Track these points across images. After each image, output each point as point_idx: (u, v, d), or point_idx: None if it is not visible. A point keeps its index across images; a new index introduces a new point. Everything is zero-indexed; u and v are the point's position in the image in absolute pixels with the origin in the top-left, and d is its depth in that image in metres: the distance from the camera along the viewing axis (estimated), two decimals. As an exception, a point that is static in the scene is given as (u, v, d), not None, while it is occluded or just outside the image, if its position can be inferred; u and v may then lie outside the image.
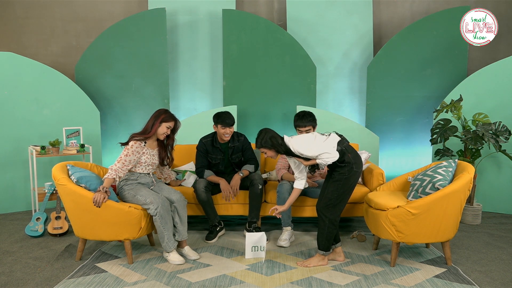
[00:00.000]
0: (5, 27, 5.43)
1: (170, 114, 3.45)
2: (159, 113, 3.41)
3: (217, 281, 2.92)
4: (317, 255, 3.21)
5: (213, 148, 3.95)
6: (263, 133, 3.14)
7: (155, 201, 3.20)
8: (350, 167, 3.06)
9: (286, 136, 3.12)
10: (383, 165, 5.29)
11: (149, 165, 3.43)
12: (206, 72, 5.53)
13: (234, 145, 3.96)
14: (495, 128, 4.21)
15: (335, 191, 3.08)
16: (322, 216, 3.13)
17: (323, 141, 3.05)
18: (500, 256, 3.44)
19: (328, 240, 3.14)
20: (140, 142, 3.36)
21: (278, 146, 3.08)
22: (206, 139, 4.00)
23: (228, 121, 3.81)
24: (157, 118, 3.39)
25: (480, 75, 4.76)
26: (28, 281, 2.94)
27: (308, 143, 3.04)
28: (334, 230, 3.14)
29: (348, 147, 3.12)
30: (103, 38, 5.18)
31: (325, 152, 2.97)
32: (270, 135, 3.11)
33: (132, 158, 3.30)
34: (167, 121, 3.40)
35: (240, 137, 4.02)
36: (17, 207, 4.79)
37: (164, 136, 3.43)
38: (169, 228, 3.25)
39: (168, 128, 3.42)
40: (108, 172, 3.24)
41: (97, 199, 3.08)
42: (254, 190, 3.77)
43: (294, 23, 5.43)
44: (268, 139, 3.10)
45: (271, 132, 3.14)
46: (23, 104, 4.76)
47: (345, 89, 5.56)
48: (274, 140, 3.09)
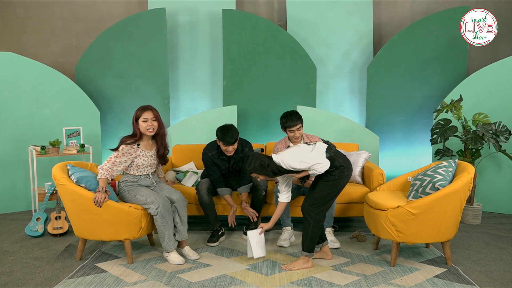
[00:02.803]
0: (5, 27, 5.43)
1: (141, 107, 3.34)
2: (134, 114, 3.33)
3: (217, 281, 2.92)
4: (301, 257, 3.17)
5: (219, 160, 3.84)
6: (250, 160, 3.07)
7: (156, 200, 3.20)
8: (341, 170, 3.05)
9: (274, 155, 3.08)
10: (383, 165, 5.29)
11: (147, 167, 3.39)
12: (206, 72, 5.53)
13: (237, 156, 3.84)
14: (495, 128, 4.21)
15: (323, 191, 3.07)
16: (307, 215, 3.11)
17: (311, 151, 3.04)
18: (500, 256, 3.44)
19: (312, 241, 3.12)
20: (131, 145, 3.30)
21: (267, 172, 3.04)
22: (212, 153, 3.82)
23: (229, 139, 3.62)
24: (133, 120, 3.33)
25: (480, 75, 4.76)
26: (28, 281, 2.94)
27: (299, 156, 3.00)
28: (319, 231, 3.12)
29: (337, 152, 3.11)
30: (103, 38, 5.18)
31: (316, 162, 2.96)
32: (259, 162, 3.04)
33: (123, 159, 3.25)
34: (140, 116, 3.30)
35: (245, 149, 3.88)
36: (17, 207, 4.79)
37: (151, 130, 3.31)
38: (170, 228, 3.25)
39: (146, 121, 3.29)
40: (99, 172, 3.20)
41: (98, 199, 3.08)
42: (257, 195, 3.77)
43: (294, 23, 5.43)
44: (257, 167, 3.05)
45: (259, 159, 3.06)
46: (23, 104, 4.76)
47: (345, 89, 5.56)
48: (263, 168, 3.04)
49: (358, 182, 4.11)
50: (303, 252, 3.15)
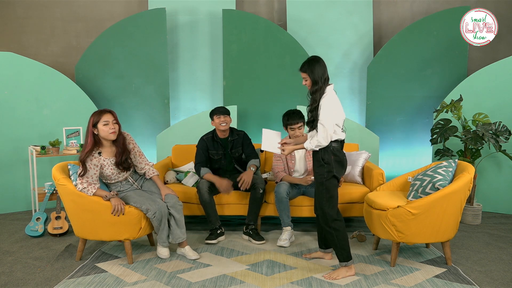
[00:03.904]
0: (5, 27, 5.43)
1: (97, 112, 3.21)
2: (88, 121, 3.19)
3: (217, 281, 2.92)
4: (341, 267, 3.03)
5: (213, 143, 3.98)
6: (316, 60, 3.01)
7: (151, 207, 3.19)
8: (329, 169, 2.94)
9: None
10: (383, 165, 5.29)
11: (118, 175, 3.30)
12: (206, 72, 5.53)
13: (233, 139, 4.01)
14: (495, 128, 4.21)
15: (322, 187, 2.98)
16: (325, 226, 2.99)
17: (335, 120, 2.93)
18: (500, 256, 3.44)
19: (343, 249, 2.98)
20: (92, 157, 3.15)
21: (315, 75, 2.97)
22: (207, 136, 4.04)
23: (221, 109, 3.93)
24: (88, 126, 3.19)
25: (480, 75, 4.76)
26: (28, 281, 2.94)
27: (332, 109, 2.93)
28: (344, 237, 2.97)
29: (336, 150, 2.96)
30: (103, 38, 5.18)
31: (325, 129, 2.86)
32: (319, 63, 3.00)
33: (93, 173, 3.15)
34: (99, 120, 3.16)
35: (240, 132, 4.08)
36: (17, 207, 4.79)
37: (114, 133, 3.18)
38: (164, 229, 3.29)
39: (107, 124, 3.16)
40: (85, 192, 3.10)
41: (116, 208, 3.07)
42: (255, 193, 3.78)
43: (294, 23, 5.42)
44: (314, 64, 2.98)
45: (322, 62, 3.01)
46: (23, 104, 4.76)
47: (345, 89, 5.55)
48: (316, 67, 2.98)
49: (358, 182, 4.11)
50: (341, 263, 3.02)
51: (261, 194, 3.78)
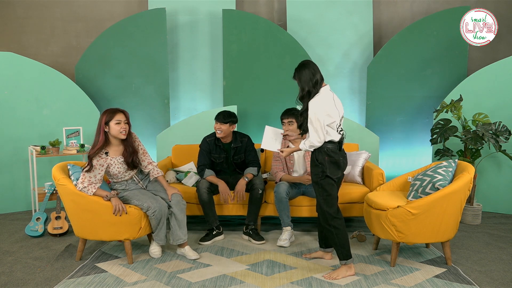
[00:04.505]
0: (5, 27, 5.42)
1: (111, 110, 3.22)
2: (100, 118, 3.21)
3: (217, 281, 2.92)
4: (341, 266, 3.04)
5: (216, 147, 3.95)
6: (306, 65, 2.97)
7: (152, 205, 3.20)
8: (323, 170, 2.93)
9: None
10: (383, 165, 5.29)
11: (124, 173, 3.33)
12: (206, 72, 5.53)
13: (236, 146, 3.95)
14: (495, 128, 4.21)
15: (318, 186, 2.98)
16: (325, 225, 3.00)
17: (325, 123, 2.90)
18: (500, 256, 3.44)
19: (343, 247, 2.98)
20: (99, 157, 3.19)
21: (304, 82, 2.93)
22: (210, 138, 3.98)
23: (220, 116, 3.82)
24: (100, 123, 3.20)
25: (480, 75, 4.76)
26: (28, 281, 2.94)
27: (320, 109, 2.86)
28: (344, 235, 2.98)
29: (330, 151, 2.93)
30: (103, 38, 5.18)
31: (315, 129, 2.85)
32: (310, 71, 2.94)
33: (97, 173, 3.16)
34: (112, 118, 3.19)
35: (244, 138, 4.00)
36: (17, 207, 4.79)
37: (124, 133, 3.22)
38: (162, 227, 3.29)
39: (119, 123, 3.20)
40: (85, 192, 3.10)
41: (117, 208, 3.08)
42: (254, 194, 3.77)
43: (294, 23, 5.42)
44: (305, 72, 2.94)
45: (313, 68, 2.96)
46: (23, 104, 4.76)
47: (345, 89, 5.55)
48: (307, 78, 2.94)
49: (358, 182, 4.11)
50: (341, 262, 3.02)
51: (261, 195, 3.78)
